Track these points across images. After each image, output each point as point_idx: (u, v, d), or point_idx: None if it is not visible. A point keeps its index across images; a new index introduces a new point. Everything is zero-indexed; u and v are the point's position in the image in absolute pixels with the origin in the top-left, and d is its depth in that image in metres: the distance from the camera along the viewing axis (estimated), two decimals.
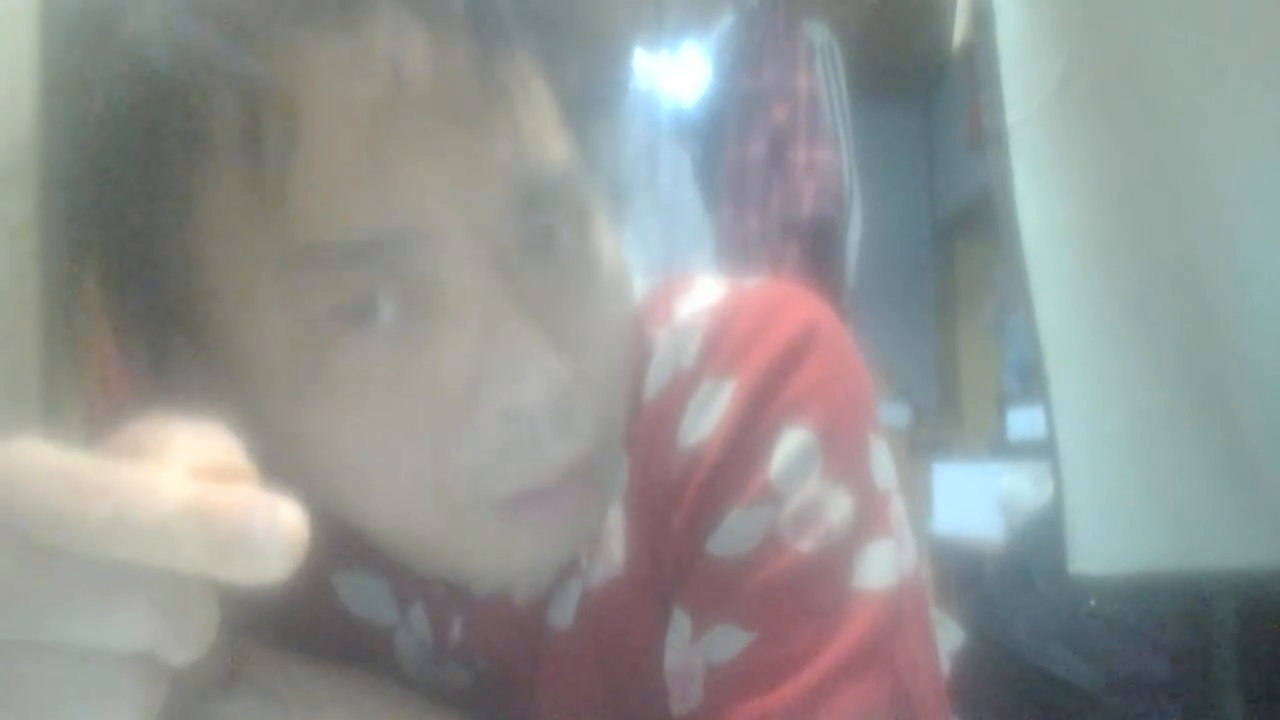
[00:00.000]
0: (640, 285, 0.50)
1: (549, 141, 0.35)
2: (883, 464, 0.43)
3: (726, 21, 2.27)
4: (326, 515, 0.38)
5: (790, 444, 0.41)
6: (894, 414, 3.00)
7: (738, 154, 2.15)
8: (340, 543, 0.39)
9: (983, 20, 0.93)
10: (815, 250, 2.14)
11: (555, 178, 0.35)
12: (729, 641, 0.40)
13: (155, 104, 0.31)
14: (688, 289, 0.47)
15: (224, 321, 0.34)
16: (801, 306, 0.44)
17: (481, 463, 0.34)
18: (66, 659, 0.23)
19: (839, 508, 0.41)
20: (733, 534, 0.41)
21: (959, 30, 1.07)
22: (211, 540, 0.22)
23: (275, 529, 0.22)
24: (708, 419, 0.42)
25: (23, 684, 0.23)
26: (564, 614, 0.45)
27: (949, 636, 1.25)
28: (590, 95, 0.39)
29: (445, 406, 0.34)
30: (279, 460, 0.36)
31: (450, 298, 0.33)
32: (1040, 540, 1.15)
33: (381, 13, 0.31)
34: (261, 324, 0.33)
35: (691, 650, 0.41)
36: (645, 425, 0.43)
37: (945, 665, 0.43)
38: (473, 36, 0.32)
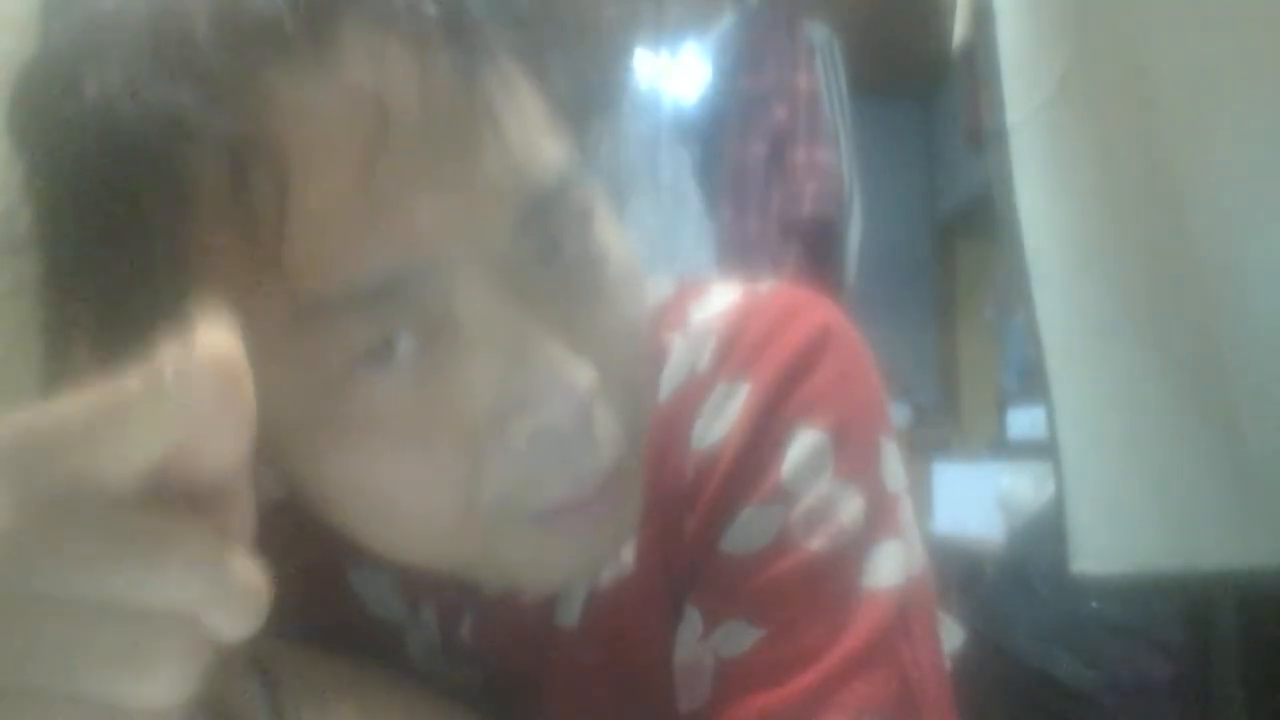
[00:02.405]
0: (646, 287, 0.50)
1: (542, 147, 0.34)
2: (893, 466, 0.44)
3: (726, 21, 2.27)
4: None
5: (802, 444, 0.42)
6: (894, 414, 2.99)
7: (738, 154, 2.15)
8: (352, 541, 0.39)
9: (983, 20, 0.93)
10: (815, 250, 2.14)
11: (553, 184, 0.34)
12: (739, 637, 0.40)
13: (130, 170, 0.30)
14: (702, 294, 0.47)
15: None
16: (815, 310, 0.45)
17: (515, 485, 0.34)
18: (105, 616, 0.22)
19: (849, 508, 0.41)
20: (745, 532, 0.41)
21: (959, 30, 1.07)
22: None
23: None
24: (722, 421, 0.42)
25: (60, 640, 0.22)
26: (571, 614, 0.45)
27: (950, 636, 1.25)
28: (587, 92, 0.38)
29: (474, 435, 0.33)
30: (299, 497, 0.36)
31: (467, 325, 0.32)
32: (1040, 540, 1.15)
33: (354, 41, 0.30)
34: (273, 380, 0.31)
35: (702, 646, 0.42)
36: (659, 428, 0.44)
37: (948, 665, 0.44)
38: (450, 48, 0.31)
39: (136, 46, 0.29)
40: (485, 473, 0.34)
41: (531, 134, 0.34)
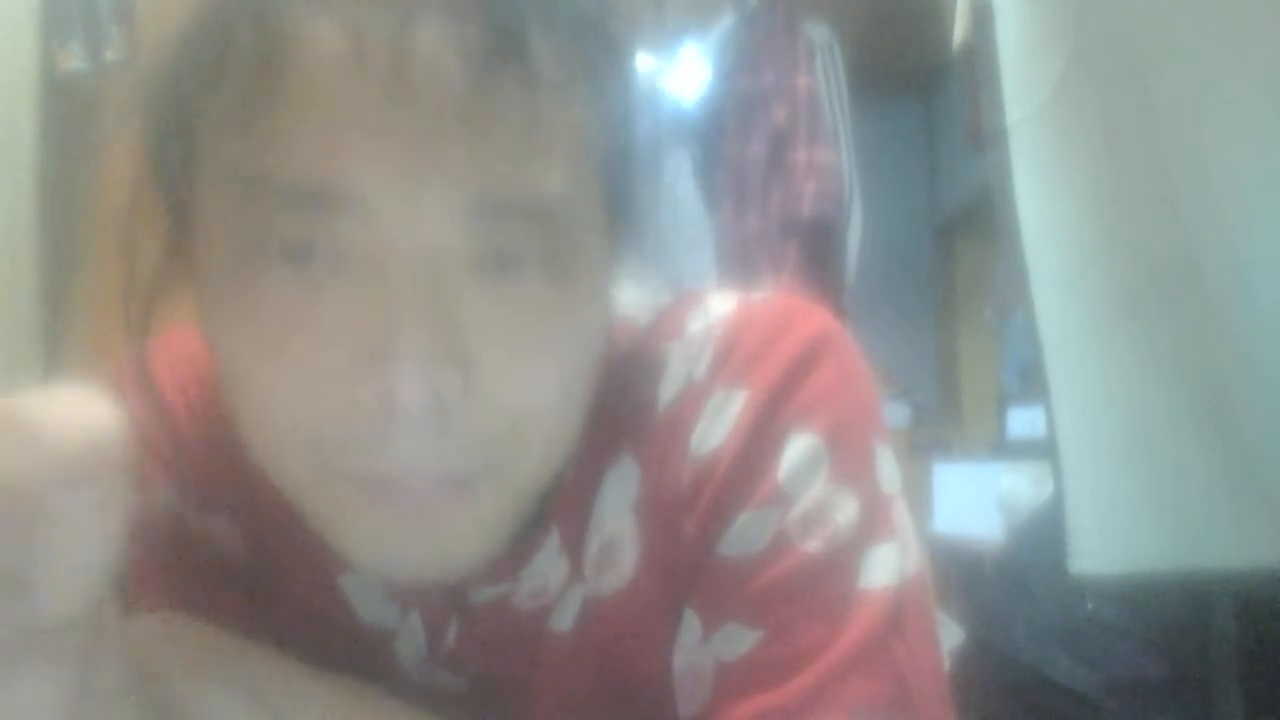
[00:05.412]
0: (644, 292, 0.50)
1: (538, 166, 0.35)
2: (888, 469, 0.44)
3: (726, 21, 2.27)
4: None
5: (798, 448, 0.42)
6: (894, 414, 3.00)
7: (738, 154, 2.15)
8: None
9: (983, 20, 0.93)
10: (815, 250, 2.14)
11: (526, 200, 0.35)
12: (738, 640, 0.41)
13: (205, 23, 0.35)
14: (698, 303, 0.47)
15: (199, 234, 0.38)
16: (811, 318, 0.45)
17: (351, 434, 0.36)
18: None
19: (845, 510, 0.41)
20: (742, 535, 0.41)
21: (959, 30, 1.07)
22: None
23: None
24: (720, 428, 0.43)
25: None
26: (565, 619, 0.45)
27: (949, 636, 1.26)
28: (623, 127, 0.39)
29: (335, 367, 0.35)
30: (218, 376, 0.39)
31: (373, 268, 0.34)
32: (1039, 540, 1.15)
33: None
34: (218, 242, 0.36)
35: (701, 650, 0.42)
36: (657, 436, 0.44)
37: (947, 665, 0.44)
38: (481, 40, 0.33)
39: None
40: (330, 408, 0.35)
41: (537, 151, 0.35)
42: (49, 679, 0.28)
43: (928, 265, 4.06)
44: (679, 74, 2.18)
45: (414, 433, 0.35)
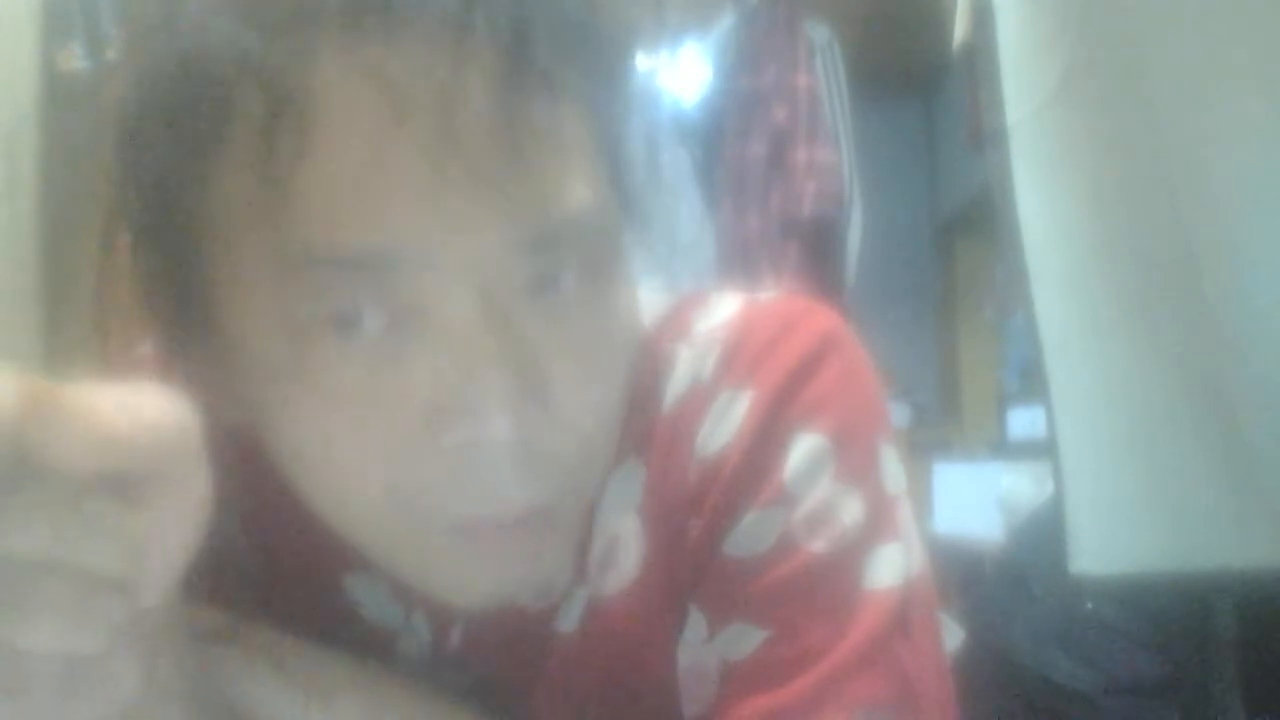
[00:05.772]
0: (647, 294, 0.50)
1: (570, 185, 0.35)
2: (892, 470, 0.44)
3: (726, 21, 2.27)
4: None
5: (804, 448, 0.42)
6: (894, 414, 2.98)
7: (738, 154, 2.15)
8: (347, 545, 0.39)
9: (983, 20, 0.93)
10: (815, 250, 2.14)
11: (567, 222, 0.35)
12: (744, 639, 0.41)
13: (192, 87, 0.33)
14: (704, 304, 0.48)
15: (223, 306, 0.36)
16: (816, 318, 0.45)
17: (438, 486, 0.35)
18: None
19: (850, 510, 0.42)
20: (748, 535, 0.42)
21: (959, 30, 1.07)
22: None
23: None
24: (726, 428, 0.43)
25: None
26: (570, 620, 0.45)
27: (950, 636, 1.26)
28: (628, 132, 0.39)
29: (412, 425, 0.34)
30: (266, 443, 0.38)
31: (433, 322, 0.34)
32: (1039, 540, 1.15)
33: (416, 39, 0.32)
34: (254, 316, 0.35)
35: (707, 649, 0.42)
36: (662, 436, 0.44)
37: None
38: (507, 74, 0.32)
39: None
40: (413, 471, 0.35)
41: (567, 175, 0.35)
42: (137, 673, 0.29)
43: (928, 265, 4.06)
44: (679, 74, 2.18)
45: (502, 471, 0.35)
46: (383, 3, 0.32)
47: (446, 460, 0.34)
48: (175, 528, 0.29)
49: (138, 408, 0.27)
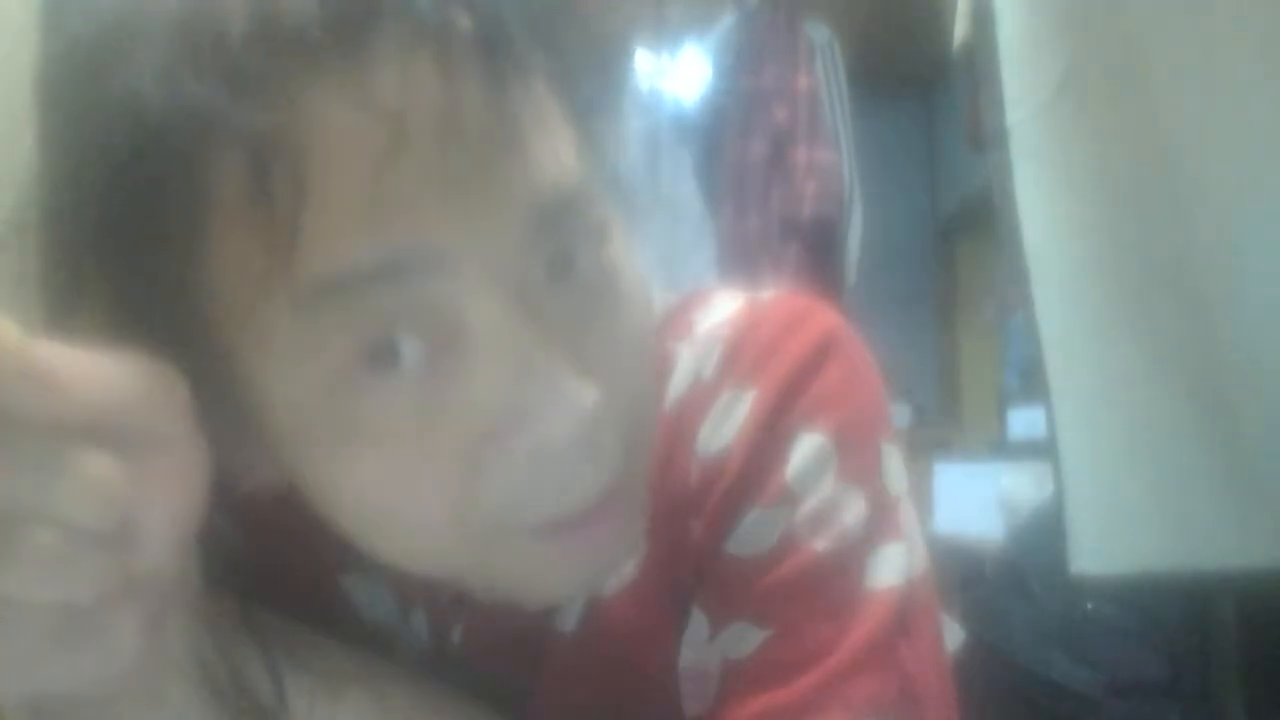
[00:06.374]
0: (655, 306, 0.50)
1: (563, 161, 0.34)
2: (894, 469, 0.44)
3: (726, 21, 2.27)
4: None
5: (806, 448, 0.42)
6: (895, 414, 2.98)
7: (738, 154, 2.15)
8: (344, 544, 0.39)
9: (983, 20, 0.93)
10: (815, 250, 2.14)
11: (570, 197, 0.34)
12: (745, 639, 0.41)
13: (155, 161, 0.30)
14: (706, 303, 0.47)
15: (244, 375, 0.33)
16: (818, 317, 0.45)
17: (514, 500, 0.34)
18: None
19: (852, 510, 0.42)
20: (750, 534, 0.42)
21: (959, 30, 1.07)
22: None
23: None
24: (728, 427, 0.43)
25: None
26: (569, 619, 0.45)
27: (951, 637, 1.26)
28: (599, 101, 0.38)
29: (475, 448, 0.33)
30: (301, 495, 0.36)
31: (474, 332, 0.32)
32: (1040, 540, 1.15)
33: (383, 53, 0.30)
34: (282, 377, 0.32)
35: (708, 648, 0.42)
36: (663, 435, 0.44)
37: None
38: (480, 64, 0.31)
39: (168, 41, 0.29)
40: (485, 486, 0.33)
41: (553, 148, 0.34)
42: (138, 633, 0.29)
43: (928, 265, 4.06)
44: (679, 74, 2.18)
45: (574, 463, 0.34)
46: (351, 24, 0.30)
47: (518, 471, 0.33)
48: (165, 487, 0.29)
49: (122, 366, 0.28)
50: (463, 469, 0.33)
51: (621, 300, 0.36)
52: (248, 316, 0.32)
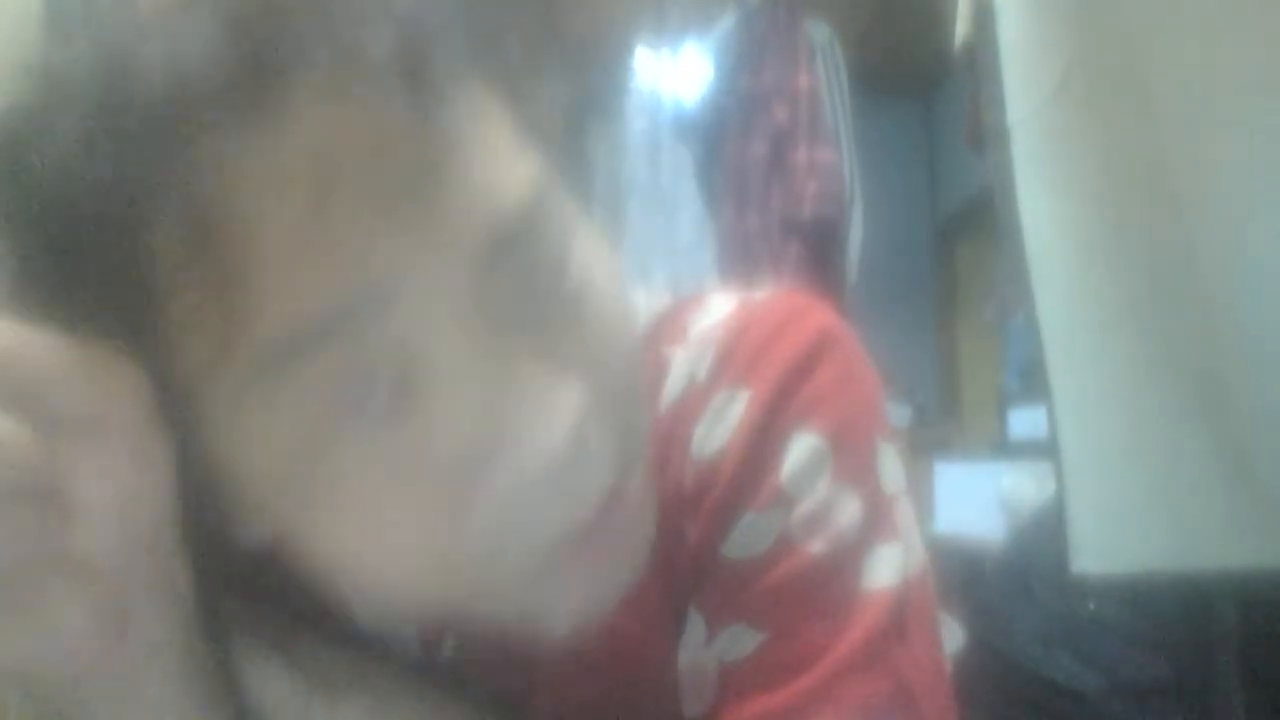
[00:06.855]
0: (646, 294, 0.50)
1: (509, 175, 0.33)
2: (891, 469, 0.44)
3: (726, 21, 2.27)
4: None
5: (800, 448, 0.42)
6: (895, 414, 2.99)
7: (738, 154, 2.15)
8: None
9: (984, 20, 0.93)
10: (816, 250, 2.14)
11: (522, 213, 0.33)
12: (741, 641, 0.41)
13: (91, 230, 0.29)
14: (699, 306, 0.47)
15: (214, 434, 0.32)
16: (812, 316, 0.45)
17: (510, 525, 0.33)
18: None
19: (848, 511, 0.41)
20: (746, 537, 0.41)
21: (960, 30, 1.07)
22: None
23: None
24: (722, 429, 0.43)
25: None
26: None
27: (950, 637, 1.26)
28: (578, 100, 0.38)
29: (456, 484, 0.32)
30: (289, 552, 0.35)
31: (434, 367, 0.32)
32: (1040, 540, 1.15)
33: (306, 98, 0.29)
34: (250, 436, 0.32)
35: (705, 652, 0.42)
36: (659, 439, 0.44)
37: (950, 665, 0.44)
38: (406, 91, 0.30)
39: (87, 109, 0.28)
40: (476, 521, 0.33)
41: (497, 163, 0.33)
42: (78, 612, 0.29)
43: (928, 265, 4.06)
44: (679, 74, 2.18)
45: (568, 478, 0.33)
46: (268, 70, 0.29)
47: (510, 495, 0.32)
48: (105, 469, 0.29)
49: (67, 348, 0.28)
50: (448, 509, 0.32)
51: (595, 303, 0.36)
52: (210, 375, 0.31)
